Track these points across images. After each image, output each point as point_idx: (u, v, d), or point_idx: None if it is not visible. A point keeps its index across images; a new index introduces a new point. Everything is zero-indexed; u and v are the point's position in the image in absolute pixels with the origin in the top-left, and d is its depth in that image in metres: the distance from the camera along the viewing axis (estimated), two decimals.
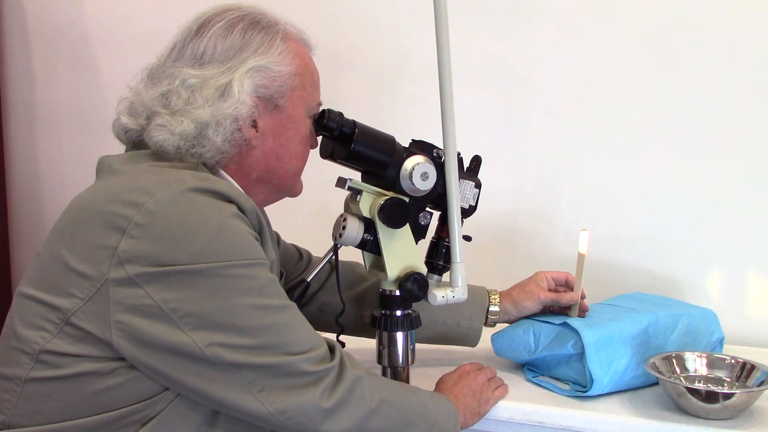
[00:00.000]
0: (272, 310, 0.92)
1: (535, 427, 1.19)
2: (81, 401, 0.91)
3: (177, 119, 0.98)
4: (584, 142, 1.71)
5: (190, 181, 0.91)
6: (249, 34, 1.03)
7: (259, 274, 0.93)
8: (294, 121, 1.07)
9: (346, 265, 1.38)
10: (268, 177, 1.08)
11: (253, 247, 0.93)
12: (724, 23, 1.59)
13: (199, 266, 0.88)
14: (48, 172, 2.24)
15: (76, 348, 0.90)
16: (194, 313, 0.88)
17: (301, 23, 1.13)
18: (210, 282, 0.88)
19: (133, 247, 0.87)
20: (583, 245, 1.31)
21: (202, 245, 0.88)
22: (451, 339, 1.38)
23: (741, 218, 1.61)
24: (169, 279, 0.87)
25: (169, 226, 0.88)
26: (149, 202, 0.88)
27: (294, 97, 1.06)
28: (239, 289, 0.90)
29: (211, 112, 0.99)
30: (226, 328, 0.89)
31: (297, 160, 1.10)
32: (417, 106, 1.82)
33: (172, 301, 0.87)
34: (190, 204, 0.90)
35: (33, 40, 2.24)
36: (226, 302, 0.89)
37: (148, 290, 0.87)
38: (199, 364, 0.89)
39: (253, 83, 1.02)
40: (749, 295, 1.61)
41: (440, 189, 1.16)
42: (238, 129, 1.01)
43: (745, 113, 1.59)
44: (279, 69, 1.04)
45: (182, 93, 1.00)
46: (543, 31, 1.73)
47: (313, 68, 1.11)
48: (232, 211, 0.92)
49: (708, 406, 1.11)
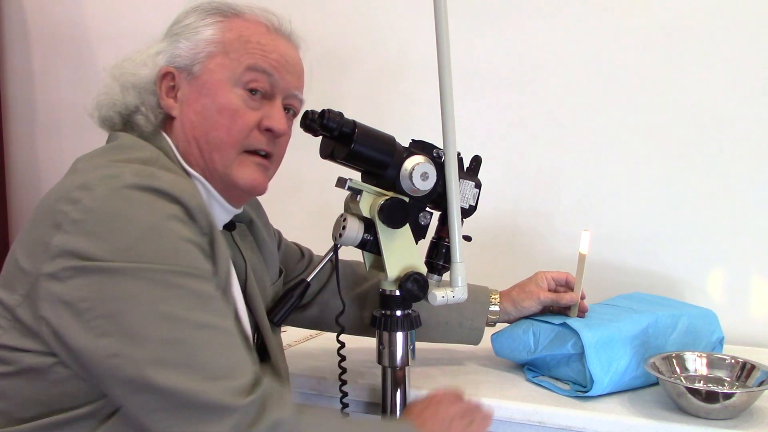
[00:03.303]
0: (189, 325, 0.84)
1: (535, 427, 1.19)
2: (34, 398, 0.88)
3: (125, 91, 1.05)
4: (584, 143, 1.71)
5: (128, 177, 0.88)
6: (197, 14, 1.06)
7: (185, 284, 0.85)
8: (209, 87, 1.03)
9: (348, 264, 1.37)
10: (197, 151, 1.04)
11: (185, 253, 0.87)
12: (723, 24, 1.59)
13: (119, 265, 0.83)
14: (48, 172, 2.24)
15: (22, 342, 0.87)
16: (106, 315, 0.83)
17: (301, 23, 1.12)
18: (128, 284, 0.83)
19: (64, 242, 0.85)
20: (585, 245, 1.31)
21: (127, 244, 0.84)
22: (454, 339, 1.39)
23: (741, 218, 1.61)
24: (88, 275, 0.83)
25: (99, 223, 0.85)
26: (86, 198, 0.86)
27: (212, 63, 1.03)
28: (157, 297, 0.83)
29: (135, 80, 1.04)
30: (133, 337, 0.82)
31: (217, 131, 1.02)
32: (417, 106, 1.82)
33: (88, 300, 0.83)
34: (123, 201, 0.86)
35: (33, 40, 2.25)
36: (140, 308, 0.83)
37: (70, 286, 0.84)
38: (102, 373, 0.83)
39: (171, 53, 1.04)
40: (749, 295, 1.61)
41: (440, 189, 1.16)
42: (153, 94, 1.04)
43: (745, 113, 1.59)
44: (196, 37, 1.04)
45: (129, 68, 1.06)
46: (543, 31, 1.73)
47: (250, 38, 1.05)
48: (171, 213, 0.87)
49: (708, 406, 1.11)
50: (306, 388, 1.34)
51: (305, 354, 1.49)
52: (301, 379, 1.33)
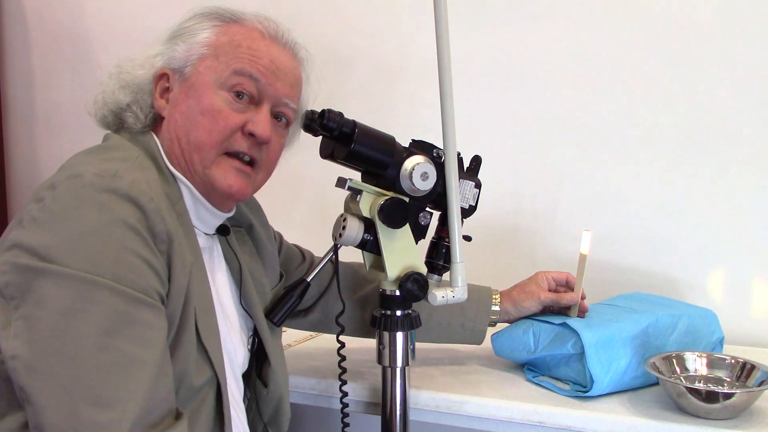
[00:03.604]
0: (89, 345, 0.79)
1: (535, 427, 1.19)
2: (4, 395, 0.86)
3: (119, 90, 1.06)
4: (585, 143, 1.71)
5: (88, 177, 0.87)
6: (197, 18, 1.07)
7: (106, 300, 0.81)
8: (196, 89, 1.03)
9: (350, 267, 1.37)
10: (179, 150, 1.03)
11: (123, 265, 0.83)
12: (725, 25, 1.59)
13: (47, 265, 0.81)
14: (48, 172, 2.23)
15: None
16: (24, 316, 0.81)
17: (301, 23, 1.12)
18: (50, 288, 0.80)
19: (17, 237, 0.85)
20: (585, 246, 1.31)
21: (65, 243, 0.82)
22: (456, 340, 1.39)
23: (741, 218, 1.61)
24: (22, 272, 0.82)
25: (49, 221, 0.84)
26: (48, 197, 0.86)
27: (201, 66, 1.03)
28: (77, 308, 0.80)
29: (131, 79, 1.05)
30: (34, 345, 0.79)
31: (198, 131, 1.01)
32: (417, 106, 1.81)
33: (17, 298, 0.82)
34: (77, 201, 0.85)
35: (33, 40, 2.25)
36: (49, 319, 0.79)
37: (5, 279, 0.83)
38: (9, 373, 0.81)
39: (169, 55, 1.05)
40: (749, 295, 1.61)
41: (440, 189, 1.16)
42: (153, 99, 1.05)
43: (745, 113, 1.59)
44: (192, 40, 1.05)
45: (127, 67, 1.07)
46: (544, 31, 1.73)
47: (240, 43, 1.04)
48: (122, 217, 0.85)
49: (708, 406, 1.11)
50: (306, 388, 1.34)
51: (305, 354, 1.49)
52: (301, 379, 1.33)
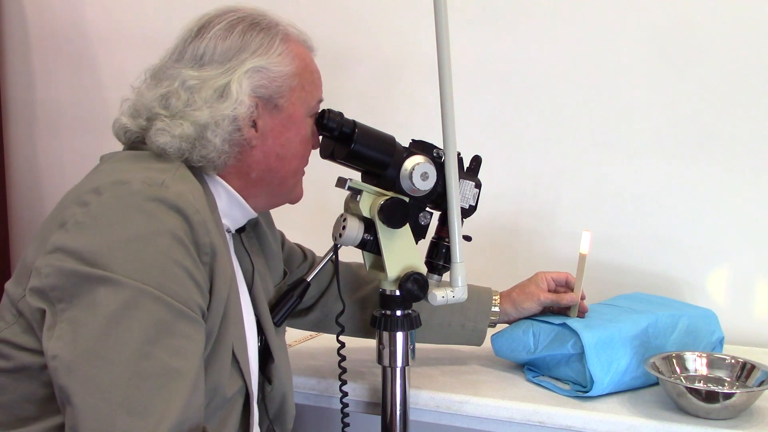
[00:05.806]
0: (131, 352, 0.80)
1: (535, 427, 1.19)
2: (28, 397, 0.88)
3: (176, 122, 0.98)
4: (585, 143, 1.71)
5: (136, 185, 0.88)
6: (248, 35, 1.03)
7: (151, 308, 0.82)
8: (294, 121, 1.07)
9: (350, 267, 1.37)
10: (269, 177, 1.07)
11: (167, 275, 0.84)
12: (724, 24, 1.59)
13: (95, 271, 0.82)
14: (48, 172, 2.24)
15: (22, 339, 0.88)
16: (72, 319, 0.82)
17: (301, 23, 1.13)
18: (103, 292, 0.81)
19: (61, 240, 0.85)
20: (585, 246, 1.31)
21: (111, 249, 0.83)
22: (456, 341, 1.39)
23: (741, 218, 1.60)
24: (69, 276, 0.83)
25: (96, 227, 0.85)
26: (94, 203, 0.87)
27: (294, 97, 1.06)
28: (122, 315, 0.81)
29: (210, 113, 0.98)
30: (76, 347, 0.80)
31: (297, 160, 1.09)
32: (417, 106, 1.81)
33: (65, 301, 0.83)
34: (125, 208, 0.86)
35: (33, 40, 2.24)
36: (100, 322, 0.80)
37: (50, 281, 0.84)
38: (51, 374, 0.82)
39: (252, 84, 1.01)
40: (749, 295, 1.61)
41: (440, 189, 1.16)
42: (238, 129, 1.01)
43: (745, 113, 1.59)
44: (278, 69, 1.03)
45: (182, 94, 0.99)
46: (544, 31, 1.72)
47: (313, 68, 1.10)
48: (169, 228, 0.86)
49: (708, 406, 1.11)
50: (306, 388, 1.34)
51: (305, 354, 1.49)
52: (301, 379, 1.33)
